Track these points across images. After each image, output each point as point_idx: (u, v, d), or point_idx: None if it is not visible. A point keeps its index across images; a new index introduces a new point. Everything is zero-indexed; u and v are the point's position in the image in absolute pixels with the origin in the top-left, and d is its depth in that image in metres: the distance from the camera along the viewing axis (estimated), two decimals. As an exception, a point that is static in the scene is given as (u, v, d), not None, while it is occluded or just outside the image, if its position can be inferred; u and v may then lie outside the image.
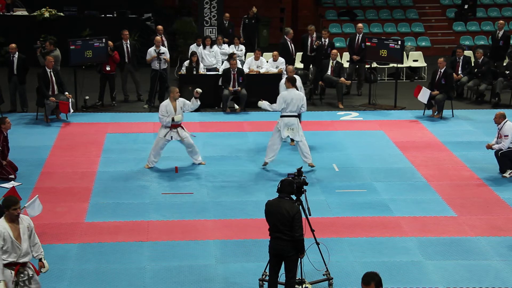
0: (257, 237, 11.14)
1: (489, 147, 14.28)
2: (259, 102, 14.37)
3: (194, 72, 19.19)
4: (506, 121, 14.11)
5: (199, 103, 14.48)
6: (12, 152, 14.12)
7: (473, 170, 14.43)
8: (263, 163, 14.38)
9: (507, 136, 13.97)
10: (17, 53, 18.02)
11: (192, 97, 14.37)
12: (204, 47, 20.24)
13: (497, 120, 14.21)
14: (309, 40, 20.40)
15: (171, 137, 14.22)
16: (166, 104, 14.14)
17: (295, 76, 14.67)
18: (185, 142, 14.37)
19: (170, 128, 14.18)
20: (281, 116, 13.94)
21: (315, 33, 20.50)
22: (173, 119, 14.09)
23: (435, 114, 18.34)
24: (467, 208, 12.57)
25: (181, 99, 14.23)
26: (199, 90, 14.35)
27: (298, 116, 14.17)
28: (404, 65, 22.17)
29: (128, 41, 19.55)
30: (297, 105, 13.81)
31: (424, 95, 18.06)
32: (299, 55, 21.44)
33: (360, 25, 21.01)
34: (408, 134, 16.90)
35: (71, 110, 17.66)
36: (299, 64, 21.32)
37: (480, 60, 19.77)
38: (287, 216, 8.75)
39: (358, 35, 20.59)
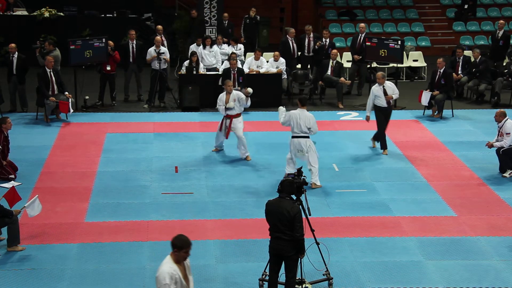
0: (257, 237, 11.14)
1: (490, 145, 14.28)
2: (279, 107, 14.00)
3: (194, 72, 19.19)
4: (507, 119, 14.13)
5: (249, 103, 15.32)
6: (12, 152, 14.12)
7: (473, 170, 14.43)
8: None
9: (508, 134, 14.00)
10: (16, 53, 18.01)
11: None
12: (204, 47, 20.24)
13: (497, 118, 14.23)
14: (307, 40, 20.40)
15: (226, 125, 14.99)
16: (221, 95, 15.11)
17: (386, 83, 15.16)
18: (235, 133, 14.93)
19: (225, 117, 14.99)
20: (292, 137, 13.38)
21: (312, 33, 20.50)
22: (226, 108, 14.91)
23: (435, 114, 18.35)
24: (467, 208, 12.57)
25: (235, 92, 15.05)
26: (249, 90, 15.39)
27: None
28: (404, 65, 22.17)
29: (135, 41, 19.56)
30: (304, 126, 13.12)
31: (425, 98, 18.08)
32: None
33: (362, 24, 21.01)
34: (408, 134, 16.91)
35: (71, 110, 17.66)
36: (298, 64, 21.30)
37: (477, 60, 19.78)
38: (287, 216, 8.75)
39: (360, 35, 20.59)
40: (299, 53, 20.55)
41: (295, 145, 13.33)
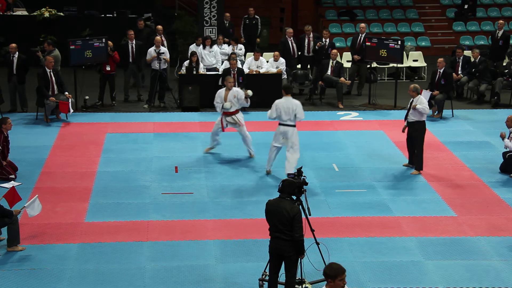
0: (257, 237, 11.14)
1: (503, 136, 14.13)
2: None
3: (194, 72, 19.19)
4: None
5: (247, 104, 15.20)
6: (12, 152, 14.12)
7: (473, 170, 14.43)
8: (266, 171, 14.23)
9: None
10: (17, 53, 18.01)
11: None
12: (204, 47, 20.24)
13: (509, 123, 14.18)
14: (306, 40, 20.42)
15: (226, 124, 14.92)
16: (220, 91, 15.00)
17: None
18: (239, 130, 14.94)
19: (223, 115, 14.89)
20: (279, 124, 13.70)
21: (312, 33, 20.52)
22: (223, 106, 14.76)
23: (435, 114, 18.35)
24: (467, 208, 12.57)
25: (235, 89, 14.94)
26: (249, 92, 15.09)
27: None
28: (404, 65, 22.18)
29: (134, 41, 19.56)
30: (291, 113, 13.41)
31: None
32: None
33: (362, 25, 21.02)
34: (408, 134, 16.88)
35: (71, 110, 17.66)
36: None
37: (477, 60, 19.80)
38: (287, 217, 8.75)
39: (360, 35, 20.59)
40: (299, 53, 20.56)
41: (281, 132, 13.61)
